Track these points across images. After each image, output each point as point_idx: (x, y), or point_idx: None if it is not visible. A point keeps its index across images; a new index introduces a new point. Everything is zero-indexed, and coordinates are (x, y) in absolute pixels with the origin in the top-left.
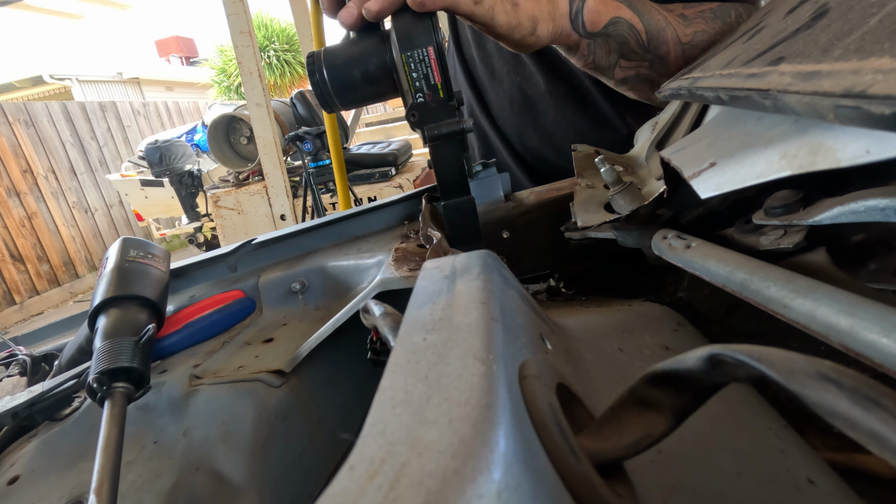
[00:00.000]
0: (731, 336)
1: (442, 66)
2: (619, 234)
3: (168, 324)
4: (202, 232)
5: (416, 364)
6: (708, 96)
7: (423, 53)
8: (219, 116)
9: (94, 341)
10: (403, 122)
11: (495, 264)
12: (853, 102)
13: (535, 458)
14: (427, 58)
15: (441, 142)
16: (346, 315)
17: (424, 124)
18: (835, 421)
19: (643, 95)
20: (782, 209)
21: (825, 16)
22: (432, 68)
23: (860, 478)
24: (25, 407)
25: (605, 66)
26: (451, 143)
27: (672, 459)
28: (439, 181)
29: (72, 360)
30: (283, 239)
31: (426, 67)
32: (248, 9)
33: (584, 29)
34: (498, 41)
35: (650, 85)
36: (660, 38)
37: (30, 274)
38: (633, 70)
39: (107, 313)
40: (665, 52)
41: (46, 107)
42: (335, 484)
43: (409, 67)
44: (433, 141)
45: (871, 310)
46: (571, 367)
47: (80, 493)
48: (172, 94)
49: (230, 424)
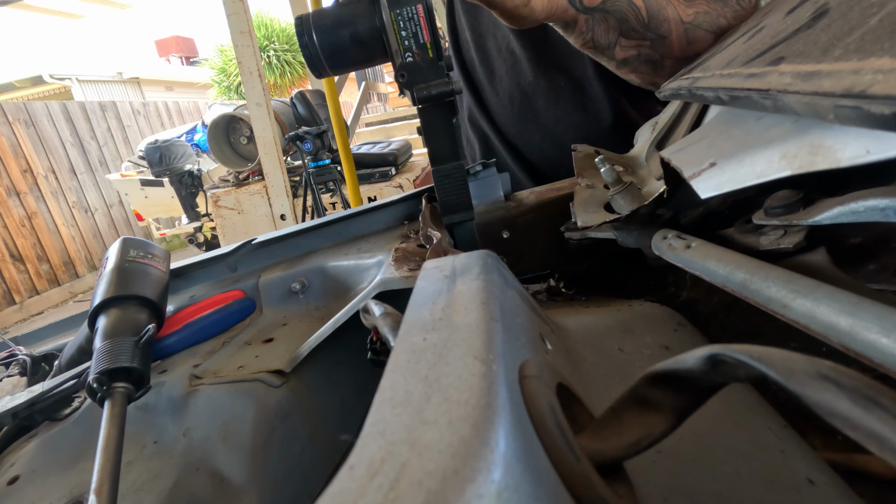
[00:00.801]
0: (731, 336)
1: (431, 26)
2: (619, 234)
3: (168, 324)
4: (202, 232)
5: (416, 364)
6: (708, 96)
7: (413, 11)
8: (219, 116)
9: (94, 341)
10: (403, 123)
11: (495, 264)
12: (853, 102)
13: (535, 458)
14: (416, 16)
15: (430, 104)
16: (346, 315)
17: (413, 85)
18: (835, 421)
19: (646, 80)
20: (782, 209)
21: (825, 16)
22: (421, 27)
23: (860, 478)
24: (25, 407)
25: (605, 44)
26: (441, 107)
27: (672, 459)
28: (429, 146)
29: (72, 360)
30: (283, 239)
31: (415, 26)
32: (248, 9)
33: (580, 3)
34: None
35: (653, 67)
36: (661, 17)
37: (30, 274)
38: (635, 49)
39: (107, 313)
40: (666, 30)
41: (46, 107)
42: (335, 484)
43: (399, 26)
44: (423, 102)
45: (871, 310)
46: (571, 367)
47: (80, 493)
48: (172, 94)
49: (230, 424)
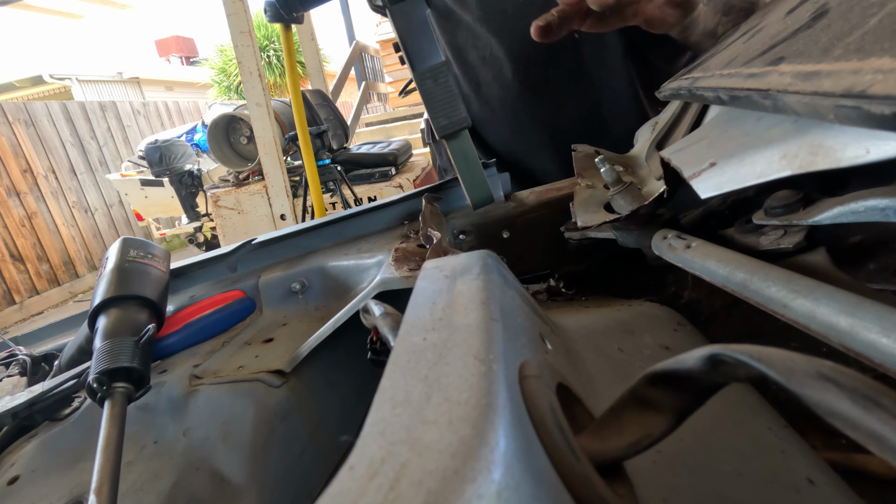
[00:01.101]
0: (731, 336)
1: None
2: (619, 234)
3: (168, 324)
4: (202, 232)
5: (416, 364)
6: (708, 96)
7: None
8: (219, 116)
9: (94, 341)
10: (404, 123)
11: (495, 264)
12: (853, 102)
13: (535, 458)
14: None
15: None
16: (346, 315)
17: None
18: (835, 421)
19: None
20: (782, 209)
21: (825, 16)
22: None
23: (860, 478)
24: (25, 407)
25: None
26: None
27: (672, 459)
28: (405, 48)
29: (72, 360)
30: (283, 239)
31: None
32: (248, 9)
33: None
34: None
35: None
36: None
37: (30, 274)
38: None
39: (107, 313)
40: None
41: (46, 106)
42: (335, 484)
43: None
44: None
45: (871, 310)
46: (571, 367)
47: (80, 493)
48: (172, 94)
49: (230, 424)
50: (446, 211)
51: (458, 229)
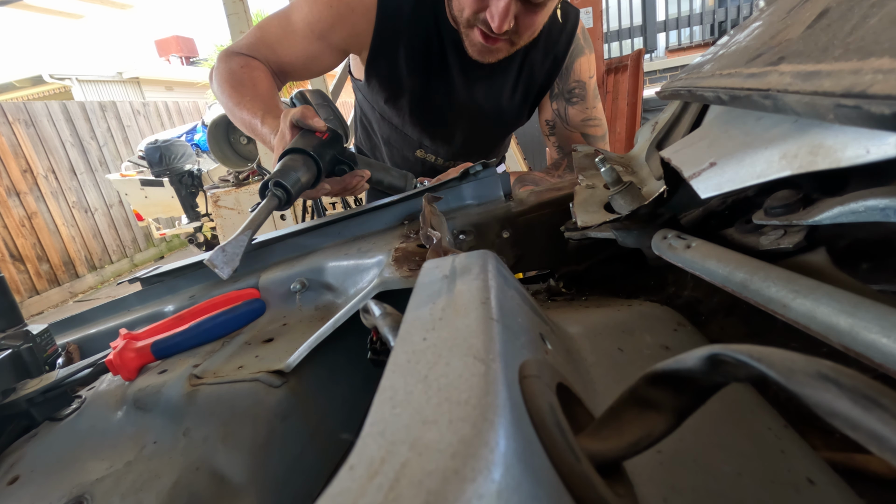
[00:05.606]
0: (731, 336)
1: None
2: (619, 234)
3: (175, 323)
4: (202, 232)
5: (416, 364)
6: (708, 96)
7: None
8: (219, 116)
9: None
10: None
11: (495, 264)
12: (853, 102)
13: (535, 458)
14: None
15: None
16: (346, 315)
17: None
18: (835, 421)
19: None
20: (782, 209)
21: (825, 16)
22: None
23: (860, 478)
24: (40, 393)
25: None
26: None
27: (672, 459)
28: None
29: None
30: (283, 239)
31: None
32: (248, 9)
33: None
34: None
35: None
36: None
37: (30, 274)
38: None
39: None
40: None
41: (46, 107)
42: (335, 484)
43: None
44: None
45: (871, 310)
46: (571, 367)
47: (80, 493)
48: (172, 94)
49: (230, 424)
50: (446, 211)
51: (458, 229)
